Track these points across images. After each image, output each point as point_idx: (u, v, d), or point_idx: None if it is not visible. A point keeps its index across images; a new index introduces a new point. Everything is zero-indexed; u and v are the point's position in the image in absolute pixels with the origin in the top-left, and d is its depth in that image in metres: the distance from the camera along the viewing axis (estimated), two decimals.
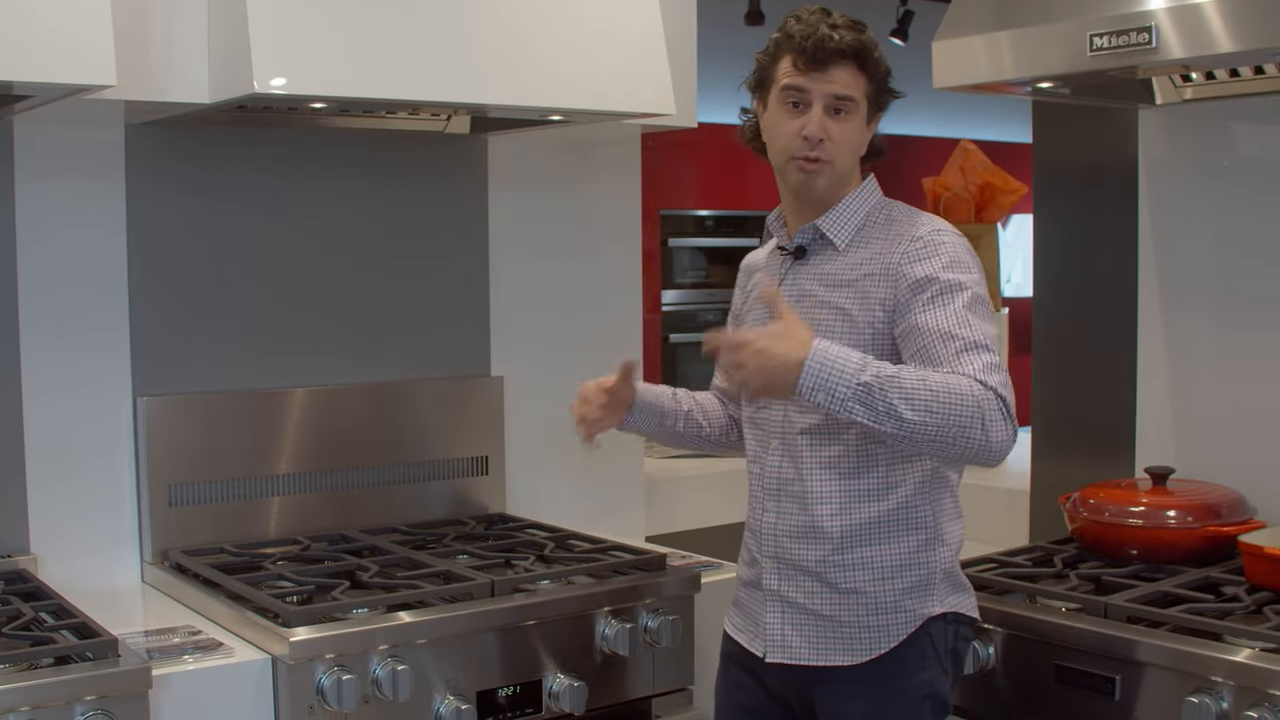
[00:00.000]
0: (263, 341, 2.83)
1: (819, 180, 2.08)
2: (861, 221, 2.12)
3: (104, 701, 1.93)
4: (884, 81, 2.10)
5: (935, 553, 2.08)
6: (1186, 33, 2.08)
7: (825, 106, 2.06)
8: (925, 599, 2.07)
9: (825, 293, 2.09)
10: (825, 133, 2.05)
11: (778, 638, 2.12)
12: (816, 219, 2.11)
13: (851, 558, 2.06)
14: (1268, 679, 1.92)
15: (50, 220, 2.58)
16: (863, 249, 2.09)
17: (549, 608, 2.38)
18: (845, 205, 2.11)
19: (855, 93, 2.06)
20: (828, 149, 2.06)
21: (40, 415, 2.58)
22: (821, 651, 2.08)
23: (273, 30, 2.26)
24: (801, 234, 2.13)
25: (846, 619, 2.07)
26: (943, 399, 1.84)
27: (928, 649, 2.06)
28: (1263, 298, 2.63)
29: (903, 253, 2.04)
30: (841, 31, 2.04)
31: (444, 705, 2.23)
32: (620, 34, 2.66)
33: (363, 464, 2.91)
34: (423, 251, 3.02)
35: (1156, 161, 2.80)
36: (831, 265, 2.10)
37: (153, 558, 2.67)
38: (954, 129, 8.55)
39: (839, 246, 2.10)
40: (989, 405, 1.86)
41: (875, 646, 2.05)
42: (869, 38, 2.07)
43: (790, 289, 2.13)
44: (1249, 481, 2.55)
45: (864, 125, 2.10)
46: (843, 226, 2.11)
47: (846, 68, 2.05)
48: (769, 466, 2.14)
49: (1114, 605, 2.18)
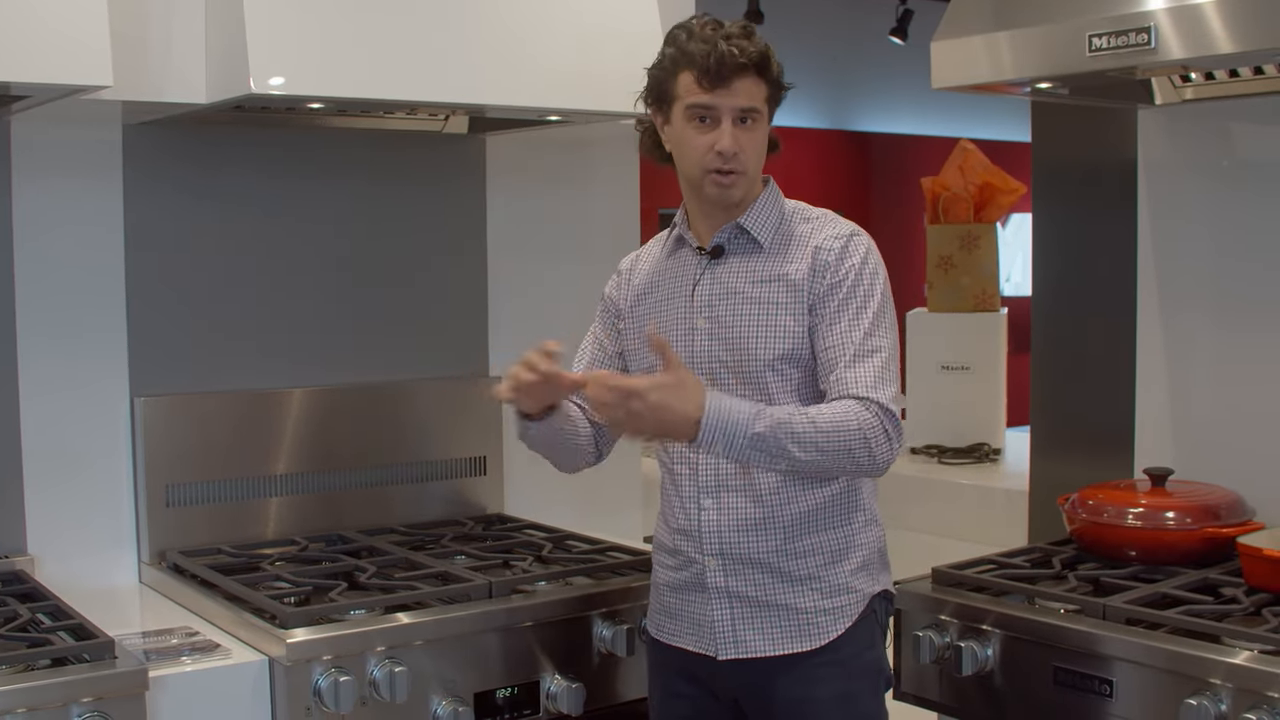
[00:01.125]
0: (261, 342, 2.82)
1: (735, 191, 2.15)
2: (779, 219, 2.20)
3: (101, 703, 1.92)
4: (780, 82, 2.16)
5: (873, 532, 2.20)
6: (1186, 33, 2.07)
7: (735, 120, 2.11)
8: (869, 578, 2.18)
9: (753, 289, 2.16)
10: (737, 145, 2.11)
11: (729, 634, 2.15)
12: (737, 219, 2.18)
13: (804, 544, 2.14)
14: (1266, 681, 1.91)
15: (47, 220, 2.58)
16: (787, 246, 2.17)
17: (546, 609, 2.38)
18: (762, 204, 2.19)
19: (759, 102, 2.12)
20: (741, 160, 2.12)
21: (37, 416, 2.58)
22: (778, 641, 2.13)
23: (269, 30, 2.26)
24: (721, 234, 2.19)
25: (802, 605, 2.13)
26: (830, 436, 2.00)
27: (874, 626, 2.18)
28: (1262, 299, 2.63)
29: (828, 249, 2.13)
30: (739, 44, 2.09)
31: (441, 707, 2.23)
32: (618, 34, 2.66)
33: (361, 464, 2.90)
34: (420, 251, 3.01)
35: (1156, 162, 2.80)
36: (757, 262, 2.17)
37: (150, 558, 2.67)
38: (953, 128, 8.55)
39: (763, 244, 2.17)
40: (872, 430, 2.01)
41: (832, 629, 2.13)
42: (763, 44, 2.12)
43: (713, 287, 2.19)
44: (1248, 483, 2.54)
45: (766, 129, 2.17)
46: (764, 225, 2.18)
47: (749, 79, 2.10)
48: (704, 464, 2.17)
49: (1112, 607, 2.18)
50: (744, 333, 2.14)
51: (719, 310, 2.17)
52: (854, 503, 2.17)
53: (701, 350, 2.18)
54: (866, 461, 2.02)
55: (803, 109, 10.28)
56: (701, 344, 2.18)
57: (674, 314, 2.23)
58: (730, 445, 1.99)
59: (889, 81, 9.84)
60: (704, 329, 2.18)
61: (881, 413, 2.03)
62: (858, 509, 2.18)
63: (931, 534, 3.31)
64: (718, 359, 2.16)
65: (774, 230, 2.18)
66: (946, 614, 2.34)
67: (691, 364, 2.16)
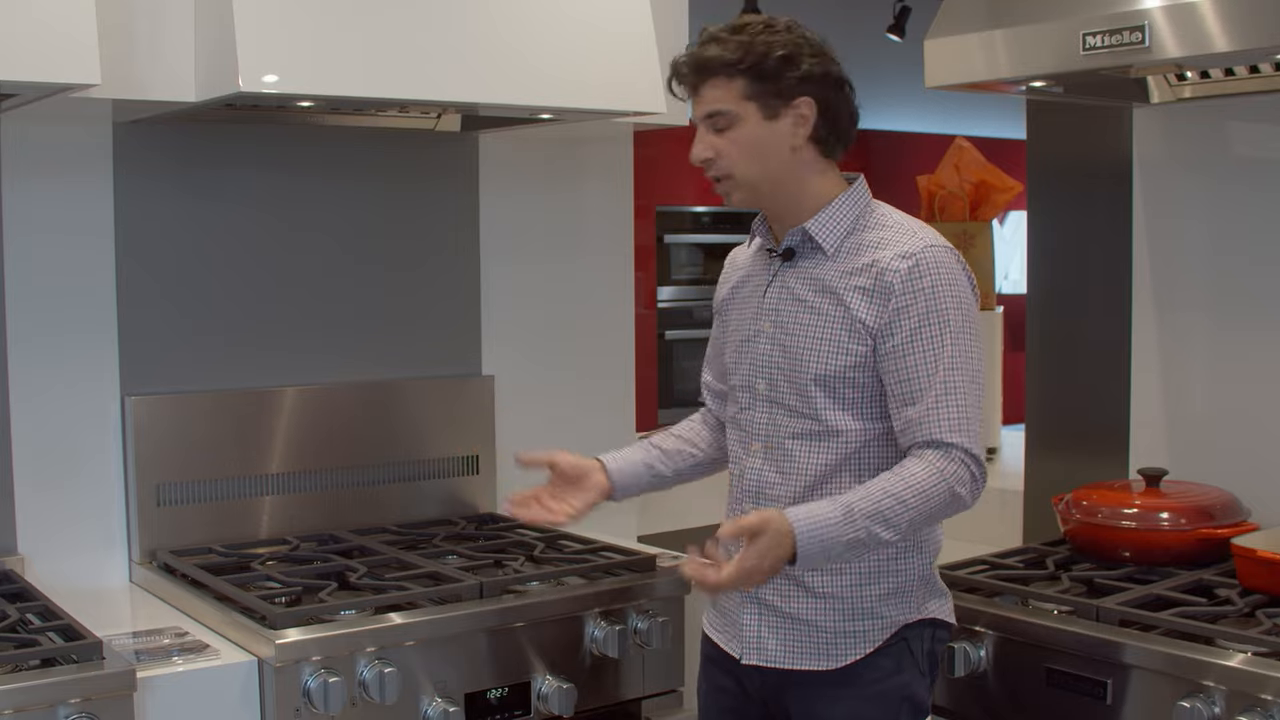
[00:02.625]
0: (252, 340, 2.81)
1: (732, 195, 2.09)
2: (850, 226, 2.08)
3: (88, 704, 1.91)
4: (769, 73, 2.03)
5: (912, 560, 2.07)
6: (1180, 32, 2.06)
7: (706, 127, 2.07)
8: (903, 606, 2.07)
9: (812, 298, 2.07)
10: (712, 150, 2.06)
11: (754, 640, 2.11)
12: (805, 222, 2.09)
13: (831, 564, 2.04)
14: (1260, 683, 1.91)
15: (37, 219, 2.56)
16: (852, 256, 2.06)
17: (538, 609, 2.37)
18: (834, 208, 2.08)
19: (727, 104, 2.03)
20: (720, 165, 2.06)
21: (28, 415, 2.57)
22: (796, 655, 2.08)
23: (259, 28, 2.24)
24: (790, 236, 2.11)
25: (822, 624, 2.06)
26: (919, 508, 1.95)
27: (904, 653, 2.06)
28: (1257, 297, 2.62)
29: (894, 270, 2.01)
30: (694, 51, 2.06)
31: (432, 707, 2.22)
32: (612, 31, 2.65)
33: (352, 464, 2.89)
34: (413, 249, 3.00)
35: (1151, 160, 2.79)
36: (819, 270, 2.08)
37: (141, 558, 2.66)
38: (949, 126, 8.54)
39: (827, 251, 2.07)
40: (958, 480, 1.97)
41: (851, 652, 2.05)
42: (727, 44, 2.04)
43: (779, 291, 2.12)
44: (1242, 484, 2.54)
45: (760, 125, 2.04)
46: (831, 231, 2.08)
47: (712, 83, 2.04)
48: (749, 469, 2.13)
49: (1106, 608, 2.17)
50: (799, 342, 2.06)
51: (782, 316, 2.10)
52: None
53: (763, 355, 2.12)
54: (957, 509, 1.99)
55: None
56: (764, 349, 2.12)
57: (748, 314, 2.17)
58: (829, 557, 1.95)
59: (884, 79, 9.83)
60: (768, 333, 2.12)
61: (966, 458, 1.97)
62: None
63: None
64: (776, 365, 2.10)
65: (843, 237, 2.07)
66: None
67: (754, 368, 2.13)
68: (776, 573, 1.94)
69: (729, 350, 2.21)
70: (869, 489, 1.96)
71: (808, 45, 2.06)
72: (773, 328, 2.10)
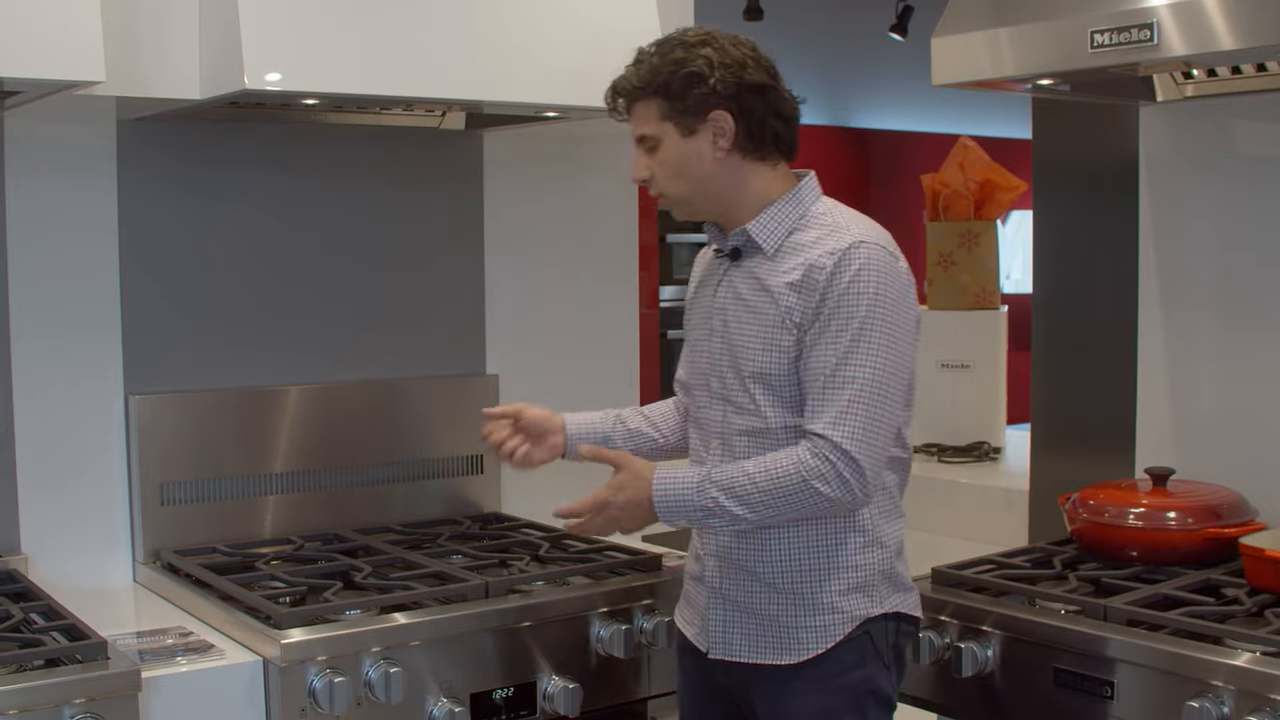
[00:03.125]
0: (255, 339, 2.81)
1: (677, 210, 2.16)
2: (791, 225, 2.12)
3: (93, 704, 1.91)
4: (676, 92, 2.07)
5: (872, 554, 2.11)
6: (1188, 30, 2.06)
7: (640, 149, 2.14)
8: (865, 600, 2.10)
9: (752, 297, 2.12)
10: (646, 170, 2.14)
11: (720, 634, 2.16)
12: (748, 222, 2.13)
13: (790, 559, 2.10)
14: (1269, 683, 1.90)
15: (41, 217, 2.56)
16: (791, 255, 2.09)
17: (544, 609, 2.36)
18: (774, 209, 2.13)
19: (649, 127, 2.11)
20: (655, 183, 2.14)
21: (31, 414, 2.57)
22: (760, 650, 2.12)
23: (264, 25, 2.24)
24: (734, 237, 2.16)
25: (784, 618, 2.10)
26: (771, 493, 2.00)
27: (867, 647, 2.10)
28: (1264, 296, 2.61)
29: (820, 266, 2.03)
30: (628, 70, 2.12)
31: (437, 707, 2.22)
32: (616, 29, 2.64)
33: (357, 463, 2.89)
34: (417, 248, 3.00)
35: (1157, 158, 2.78)
36: (760, 269, 2.12)
37: (145, 557, 2.65)
38: (953, 125, 8.54)
39: (767, 251, 2.11)
40: (815, 473, 1.98)
41: (812, 646, 2.09)
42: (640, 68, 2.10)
43: (727, 290, 2.17)
44: (1250, 483, 2.53)
45: (678, 144, 2.10)
46: (771, 231, 2.12)
47: (638, 105, 2.12)
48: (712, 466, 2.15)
49: (1113, 608, 2.16)
50: (741, 340, 2.12)
51: (728, 315, 2.15)
52: (850, 525, 2.09)
53: (714, 353, 2.17)
54: (823, 505, 1.99)
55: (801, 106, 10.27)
56: (715, 347, 2.17)
57: (702, 313, 2.23)
58: (688, 518, 2.05)
59: (888, 78, 9.83)
60: (718, 332, 2.17)
61: (831, 451, 1.97)
62: (854, 531, 2.09)
63: (931, 533, 3.30)
64: (724, 363, 2.15)
65: (783, 236, 2.11)
66: (946, 615, 2.33)
67: (709, 366, 2.18)
68: (632, 519, 2.07)
69: (688, 349, 2.27)
70: (733, 465, 2.05)
71: (717, 57, 2.07)
72: (721, 325, 2.16)
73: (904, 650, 2.16)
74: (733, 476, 2.02)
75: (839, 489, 1.98)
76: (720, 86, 2.06)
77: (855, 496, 1.99)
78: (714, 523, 2.04)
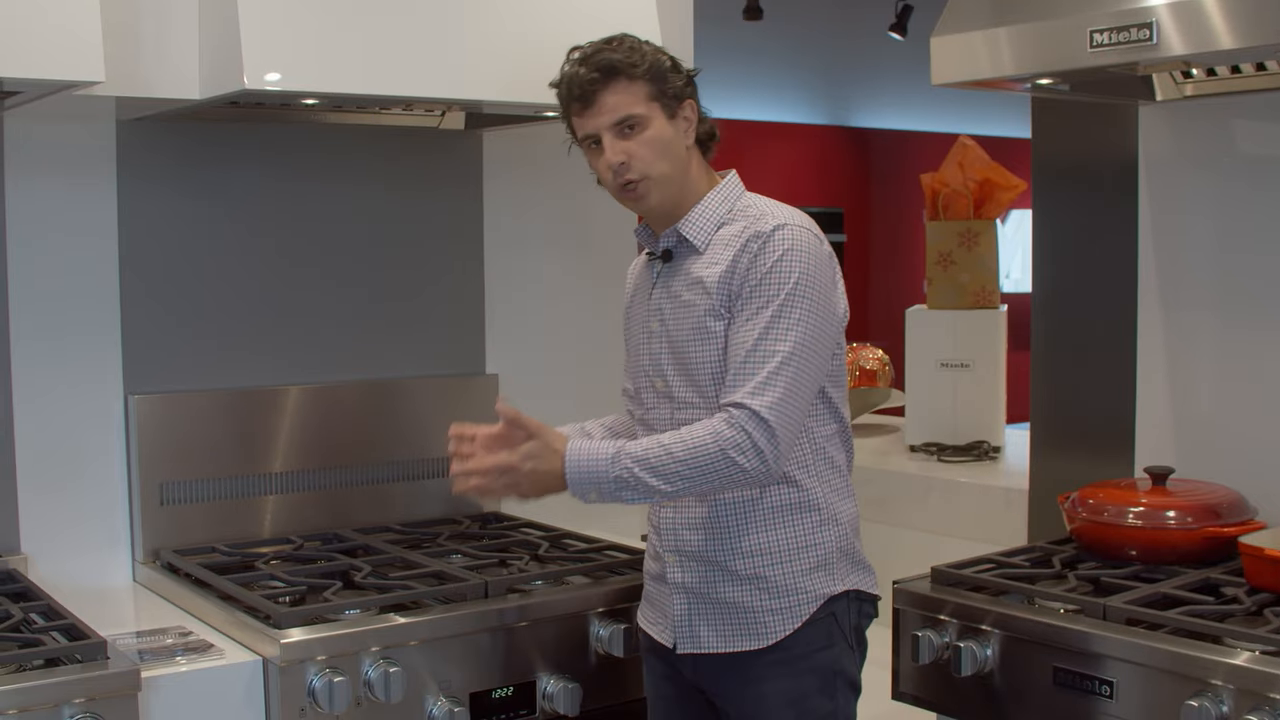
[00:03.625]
0: (255, 339, 2.81)
1: (649, 197, 2.16)
2: (720, 220, 2.17)
3: (93, 704, 1.91)
4: (663, 73, 2.14)
5: (829, 532, 2.16)
6: (1187, 29, 2.06)
7: (614, 134, 2.13)
8: (826, 579, 2.15)
9: (688, 293, 2.16)
10: (625, 154, 2.13)
11: (686, 629, 2.19)
12: (678, 222, 2.17)
13: (749, 544, 2.14)
14: (1268, 682, 1.90)
15: (41, 217, 2.56)
16: (721, 248, 2.14)
17: (543, 608, 2.37)
18: (704, 205, 2.18)
19: (632, 107, 2.12)
20: (636, 166, 2.13)
21: (31, 415, 2.57)
22: (728, 638, 2.15)
23: (264, 25, 2.24)
24: (666, 238, 2.20)
25: (750, 604, 2.13)
26: (688, 463, 2.00)
27: (832, 626, 2.15)
28: (1263, 296, 2.61)
29: (747, 250, 2.09)
30: (588, 63, 2.13)
31: (437, 707, 2.22)
32: (616, 29, 2.63)
33: (356, 462, 2.89)
34: (417, 248, 3.00)
35: (1157, 158, 2.78)
36: (694, 265, 2.17)
37: (144, 557, 2.66)
38: (953, 124, 8.53)
39: (699, 248, 2.16)
40: (731, 443, 1.99)
41: (779, 628, 2.12)
42: (620, 49, 2.14)
43: (662, 291, 2.21)
44: (1249, 482, 2.53)
45: (665, 125, 2.15)
46: (701, 228, 2.17)
47: (612, 90, 2.12)
48: None
49: (1113, 607, 2.16)
50: (683, 336, 2.15)
51: (666, 315, 2.19)
52: (804, 503, 2.14)
53: (655, 356, 2.22)
54: (738, 476, 2.01)
55: (802, 105, 10.27)
56: (656, 348, 2.21)
57: (639, 319, 2.28)
58: (600, 491, 2.04)
59: (888, 77, 9.83)
60: (658, 333, 2.21)
61: (749, 420, 1.99)
62: (809, 509, 2.14)
63: (930, 533, 3.30)
64: (669, 362, 2.19)
65: (713, 231, 2.17)
66: (945, 614, 2.33)
67: (652, 368, 2.22)
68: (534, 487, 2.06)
69: (629, 357, 2.31)
70: (649, 438, 2.06)
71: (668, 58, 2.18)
72: (660, 326, 2.20)
73: (864, 632, 2.22)
74: (648, 448, 2.03)
75: (754, 459, 1.99)
76: (689, 80, 2.18)
77: (769, 468, 2.02)
78: (628, 495, 2.04)
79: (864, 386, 4.21)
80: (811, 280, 2.07)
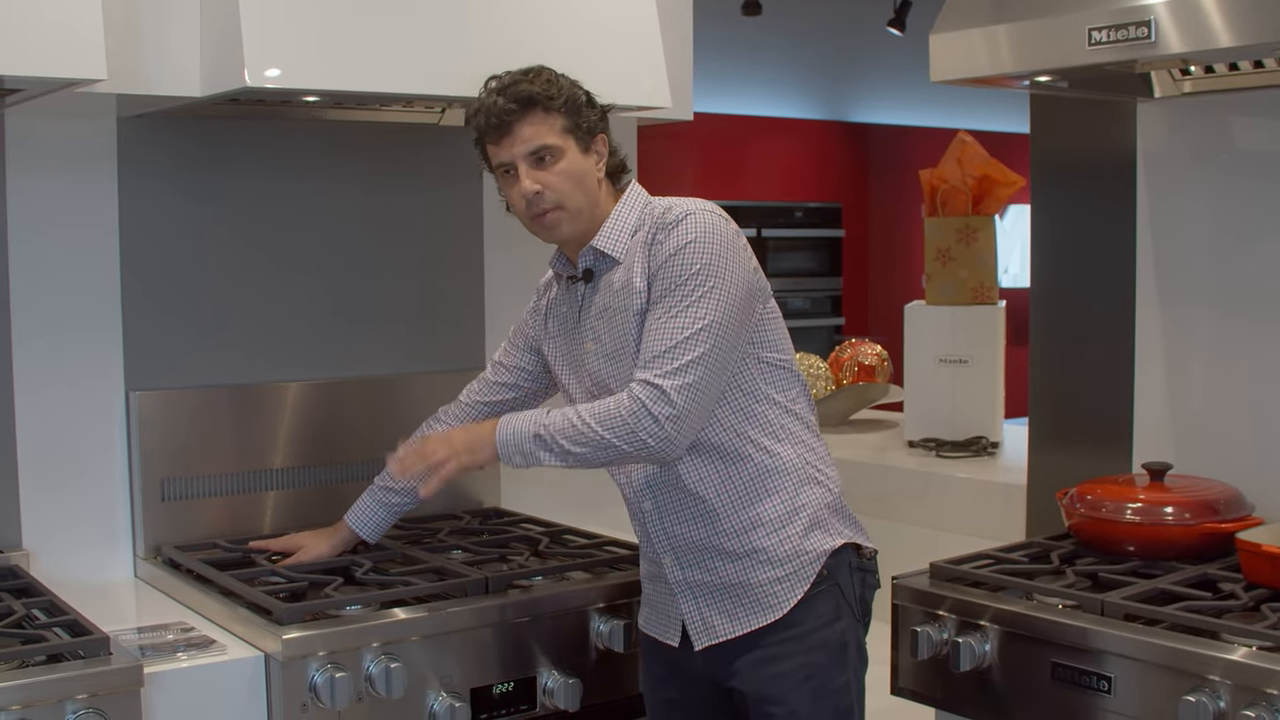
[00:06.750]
0: (256, 335, 2.82)
1: (561, 226, 2.20)
2: (633, 227, 2.21)
3: (95, 700, 1.92)
4: (579, 107, 2.18)
5: (813, 491, 2.21)
6: (1185, 27, 2.06)
7: (529, 163, 2.15)
8: (823, 536, 2.19)
9: (615, 302, 2.19)
10: (540, 184, 2.15)
11: (699, 623, 2.21)
12: (593, 240, 2.21)
13: (739, 521, 2.17)
14: (1265, 678, 1.91)
15: (42, 214, 2.57)
16: (638, 251, 2.18)
17: (543, 604, 2.37)
18: (614, 219, 2.23)
19: (547, 138, 2.16)
20: (549, 196, 2.17)
21: (32, 411, 2.57)
22: (740, 620, 2.18)
23: (265, 22, 2.25)
24: (583, 258, 2.24)
25: (754, 579, 2.17)
26: (596, 429, 2.07)
27: (839, 597, 2.19)
28: (1261, 292, 2.62)
29: (658, 243, 2.14)
30: (506, 93, 2.15)
31: (438, 702, 2.22)
32: (616, 26, 2.65)
33: (357, 458, 2.89)
34: (417, 244, 3.00)
35: (1155, 155, 2.79)
36: (615, 277, 2.21)
37: (146, 553, 2.66)
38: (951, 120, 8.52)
39: (619, 258, 2.20)
40: (633, 415, 2.05)
41: (788, 597, 2.16)
42: (538, 81, 2.16)
43: (592, 310, 2.25)
44: (1247, 478, 2.54)
45: (580, 157, 2.19)
46: (617, 239, 2.22)
47: (527, 121, 2.15)
48: (635, 470, 2.23)
49: (1110, 603, 2.17)
50: (619, 345, 2.19)
51: (599, 331, 2.23)
52: (778, 468, 2.19)
53: (597, 372, 2.24)
54: (640, 448, 2.06)
55: (800, 100, 10.27)
56: (596, 366, 2.24)
57: (570, 344, 2.31)
58: (521, 451, 2.12)
59: (886, 73, 9.83)
60: (593, 351, 2.25)
61: (648, 391, 2.04)
62: (784, 474, 2.19)
63: (928, 528, 3.30)
64: (609, 375, 2.22)
65: (628, 238, 2.21)
66: (944, 609, 2.33)
67: (594, 383, 2.25)
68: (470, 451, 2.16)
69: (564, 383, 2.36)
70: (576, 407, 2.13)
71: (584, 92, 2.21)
72: (594, 344, 2.24)
73: (870, 604, 2.27)
74: (565, 414, 2.11)
75: (654, 432, 2.04)
76: (599, 115, 2.23)
77: (666, 440, 2.05)
78: (546, 457, 2.10)
79: (862, 382, 4.21)
80: (722, 259, 2.11)
